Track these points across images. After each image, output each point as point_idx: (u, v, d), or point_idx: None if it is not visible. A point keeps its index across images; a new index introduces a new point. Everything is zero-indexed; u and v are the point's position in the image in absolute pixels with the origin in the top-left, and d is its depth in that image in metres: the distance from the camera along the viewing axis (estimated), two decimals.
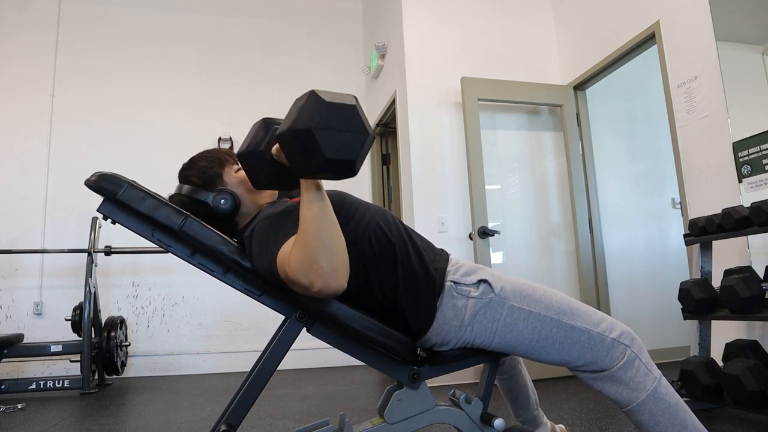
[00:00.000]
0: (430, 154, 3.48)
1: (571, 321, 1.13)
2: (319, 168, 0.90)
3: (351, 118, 0.91)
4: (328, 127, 0.88)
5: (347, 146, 0.90)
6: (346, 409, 2.52)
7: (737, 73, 2.46)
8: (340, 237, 0.97)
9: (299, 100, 0.94)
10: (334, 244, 0.95)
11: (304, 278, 0.93)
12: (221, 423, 1.10)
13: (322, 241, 0.94)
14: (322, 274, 0.92)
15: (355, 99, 0.95)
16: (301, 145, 0.89)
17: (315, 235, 0.94)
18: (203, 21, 4.74)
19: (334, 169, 0.91)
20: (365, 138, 0.93)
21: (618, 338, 1.12)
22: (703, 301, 2.10)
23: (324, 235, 0.94)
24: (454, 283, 1.17)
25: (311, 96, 0.92)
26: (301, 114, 0.90)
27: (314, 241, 0.93)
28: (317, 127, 0.88)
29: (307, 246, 0.93)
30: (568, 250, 3.53)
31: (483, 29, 3.75)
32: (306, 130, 0.88)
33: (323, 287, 0.92)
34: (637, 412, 1.08)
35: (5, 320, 3.98)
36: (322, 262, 0.92)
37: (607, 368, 1.10)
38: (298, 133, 0.89)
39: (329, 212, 0.98)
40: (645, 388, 1.08)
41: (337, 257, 0.94)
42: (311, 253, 0.93)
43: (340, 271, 0.94)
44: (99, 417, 2.53)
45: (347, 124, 0.91)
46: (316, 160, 0.89)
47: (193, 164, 1.30)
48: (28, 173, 4.19)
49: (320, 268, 0.92)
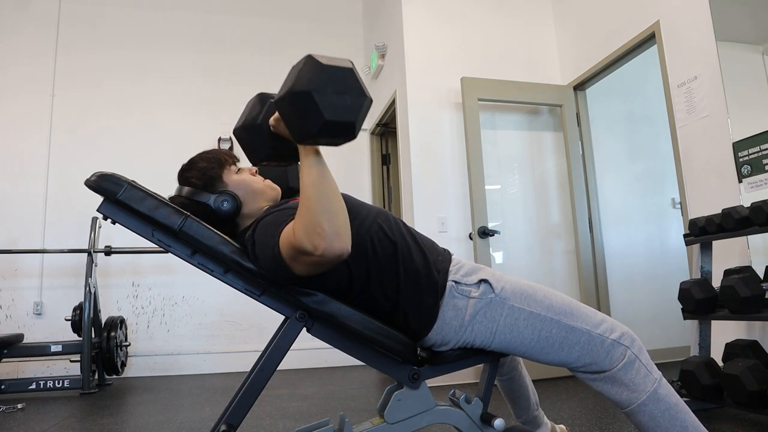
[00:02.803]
0: (430, 154, 3.47)
1: (571, 322, 1.13)
2: (318, 131, 0.90)
3: (349, 80, 0.91)
4: (326, 89, 0.88)
5: (346, 108, 0.90)
6: (346, 409, 2.52)
7: (737, 73, 2.46)
8: (340, 200, 0.98)
9: (296, 66, 0.93)
10: (334, 207, 0.96)
11: (308, 243, 0.93)
12: (221, 423, 1.10)
13: (323, 205, 0.94)
14: (325, 237, 0.92)
15: (351, 63, 0.95)
16: (300, 108, 0.89)
17: (316, 200, 0.94)
18: (203, 21, 4.74)
19: (334, 132, 0.91)
20: (363, 100, 0.92)
21: (618, 339, 1.12)
22: (703, 301, 2.10)
23: (324, 199, 0.95)
24: (455, 282, 1.17)
25: (308, 60, 0.91)
26: (300, 77, 0.89)
27: (315, 205, 0.94)
28: (316, 89, 0.88)
29: (309, 211, 0.94)
30: (568, 250, 3.53)
31: (483, 29, 3.75)
32: (305, 92, 0.88)
33: (327, 249, 0.93)
34: (637, 413, 1.08)
35: (5, 320, 3.98)
36: (325, 224, 0.93)
37: (607, 369, 1.10)
38: (296, 96, 0.89)
39: (329, 176, 0.98)
40: (645, 389, 1.08)
41: (339, 219, 0.95)
42: (313, 217, 0.93)
43: (342, 233, 0.95)
44: (99, 417, 2.53)
45: (345, 87, 0.91)
46: (316, 122, 0.89)
47: (192, 165, 1.29)
48: (28, 173, 4.19)
49: (323, 231, 0.93)
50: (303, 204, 0.96)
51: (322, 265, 0.97)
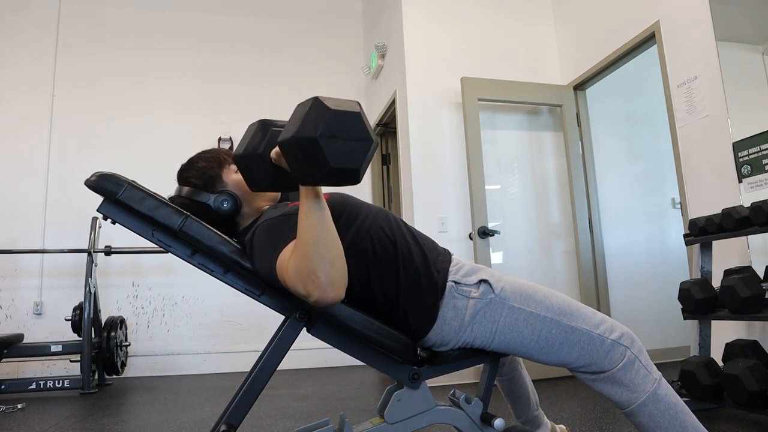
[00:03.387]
0: (430, 154, 3.47)
1: (571, 322, 1.13)
2: (322, 177, 0.89)
3: (356, 126, 0.90)
4: (333, 135, 0.86)
5: (352, 154, 0.89)
6: (346, 409, 2.52)
7: (737, 73, 2.46)
8: (338, 247, 0.96)
9: (302, 107, 0.91)
10: (331, 254, 0.94)
11: (302, 288, 0.93)
12: (221, 423, 1.10)
13: (320, 253, 0.93)
14: (319, 285, 0.92)
15: (359, 105, 0.94)
16: (305, 153, 0.87)
17: (313, 246, 0.93)
18: (203, 21, 4.74)
19: (338, 177, 0.90)
20: (369, 145, 0.91)
21: (618, 340, 1.12)
22: (703, 301, 2.10)
23: (322, 246, 0.93)
24: (455, 283, 1.17)
25: (315, 103, 0.89)
26: (306, 122, 0.88)
27: (312, 251, 0.93)
28: (322, 135, 0.86)
29: (305, 256, 0.93)
30: (568, 250, 3.53)
31: (483, 29, 3.75)
32: (311, 139, 0.86)
33: (320, 298, 0.92)
34: (637, 413, 1.08)
35: (5, 320, 3.98)
36: (320, 273, 0.92)
37: (606, 369, 1.10)
38: (302, 142, 0.87)
39: (328, 222, 0.97)
40: (645, 389, 1.08)
41: (335, 268, 0.94)
42: (309, 264, 0.92)
43: (337, 283, 0.94)
44: (99, 417, 2.53)
45: (352, 132, 0.89)
46: (321, 168, 0.87)
47: (191, 165, 1.30)
48: (28, 173, 4.19)
49: (317, 279, 0.92)
50: (299, 248, 0.95)
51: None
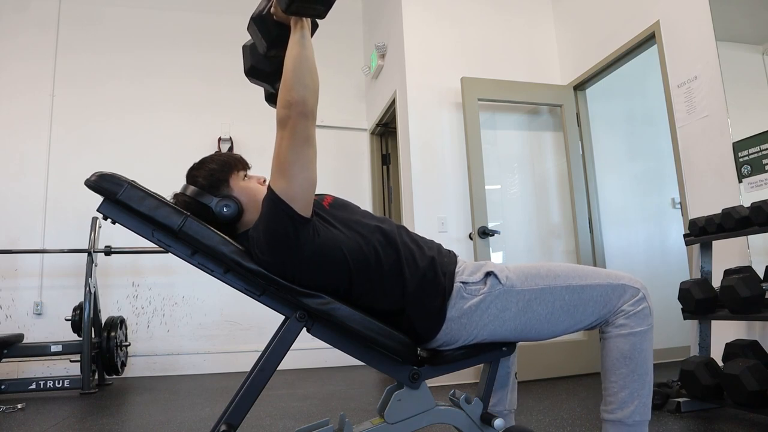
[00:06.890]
0: (430, 154, 3.47)
1: (580, 282, 1.19)
2: None
3: None
4: None
5: None
6: (346, 409, 2.52)
7: (737, 73, 2.46)
8: (313, 74, 1.15)
9: None
10: (307, 79, 1.13)
11: (285, 95, 1.11)
12: (221, 423, 1.10)
13: (298, 76, 1.12)
14: (295, 98, 1.11)
15: None
16: None
17: (292, 71, 1.12)
18: (203, 21, 4.74)
19: None
20: None
21: (628, 283, 1.20)
22: (703, 301, 2.10)
23: (300, 72, 1.13)
24: (463, 283, 1.19)
25: None
26: None
27: (293, 75, 1.12)
28: None
29: (286, 81, 1.13)
30: (568, 250, 3.53)
31: (483, 29, 3.74)
32: None
33: (295, 105, 1.11)
34: (644, 339, 1.16)
35: (5, 320, 3.98)
36: (295, 92, 1.11)
37: (620, 306, 1.17)
38: None
39: (308, 52, 1.15)
40: (648, 322, 1.18)
41: (309, 90, 1.13)
42: (290, 84, 1.12)
43: (309, 101, 1.12)
44: (99, 417, 2.53)
45: None
46: None
47: (202, 165, 1.29)
48: (28, 173, 4.19)
49: (295, 94, 1.11)
50: (284, 75, 1.14)
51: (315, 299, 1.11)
